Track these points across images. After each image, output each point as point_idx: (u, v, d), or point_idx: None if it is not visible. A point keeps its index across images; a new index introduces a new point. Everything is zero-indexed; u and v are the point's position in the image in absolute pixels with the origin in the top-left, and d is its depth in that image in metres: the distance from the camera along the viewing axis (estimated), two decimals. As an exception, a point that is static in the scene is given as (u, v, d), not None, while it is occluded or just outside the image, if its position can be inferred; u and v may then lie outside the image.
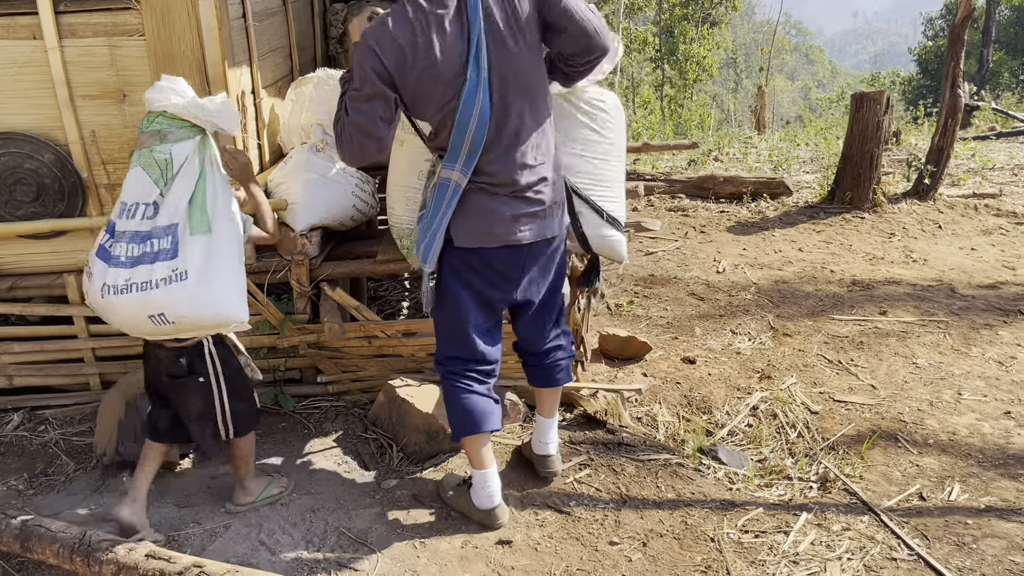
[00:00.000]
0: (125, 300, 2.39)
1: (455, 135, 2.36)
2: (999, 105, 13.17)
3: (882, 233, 5.96)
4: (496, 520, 2.75)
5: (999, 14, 23.23)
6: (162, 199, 2.43)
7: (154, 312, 2.39)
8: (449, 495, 2.88)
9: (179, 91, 2.48)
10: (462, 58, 2.31)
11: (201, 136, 2.50)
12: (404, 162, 3.26)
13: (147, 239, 2.41)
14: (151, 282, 2.37)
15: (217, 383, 2.67)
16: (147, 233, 2.42)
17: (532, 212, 2.51)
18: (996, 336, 4.22)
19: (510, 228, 2.49)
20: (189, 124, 2.48)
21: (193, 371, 2.62)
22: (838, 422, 3.44)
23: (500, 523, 2.75)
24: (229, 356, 2.72)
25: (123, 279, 2.39)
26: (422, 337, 3.50)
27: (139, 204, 2.45)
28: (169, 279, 2.37)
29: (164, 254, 2.39)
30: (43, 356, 3.50)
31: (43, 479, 3.09)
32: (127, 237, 2.43)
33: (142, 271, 2.38)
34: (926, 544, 2.65)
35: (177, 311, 2.39)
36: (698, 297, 4.85)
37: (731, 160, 8.62)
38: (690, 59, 22.04)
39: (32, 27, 3.03)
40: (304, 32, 4.25)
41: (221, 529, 2.77)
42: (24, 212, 3.27)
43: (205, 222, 2.43)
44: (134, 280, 2.38)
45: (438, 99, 2.34)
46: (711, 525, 2.76)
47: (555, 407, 2.99)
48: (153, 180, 2.44)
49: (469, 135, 2.36)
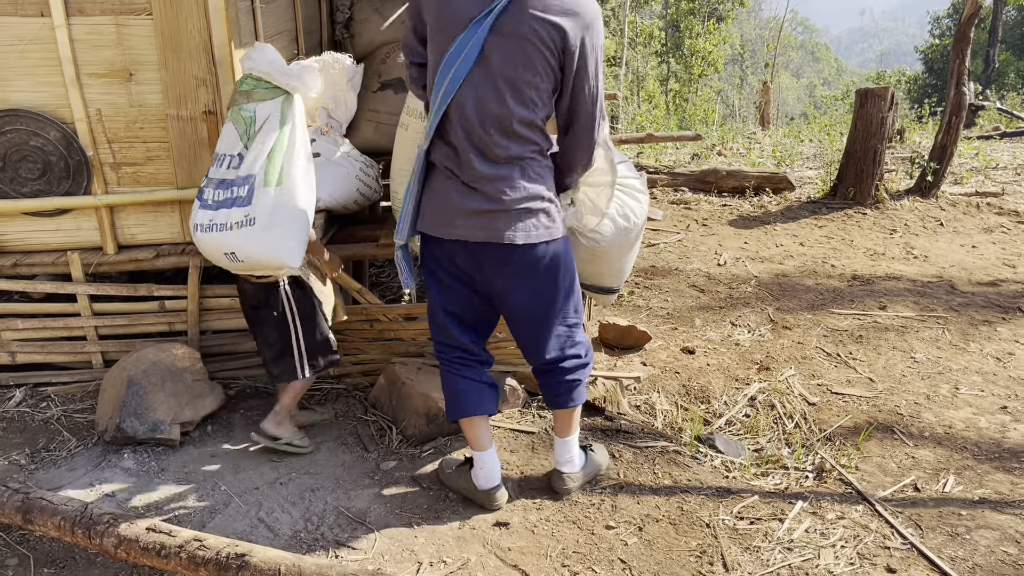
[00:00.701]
0: (207, 237, 2.72)
1: (434, 91, 2.40)
2: (1004, 105, 13.15)
3: (883, 229, 5.97)
4: (494, 501, 2.77)
5: (1005, 14, 23.17)
6: (245, 152, 2.70)
7: (228, 250, 2.71)
8: (447, 474, 2.90)
9: (267, 56, 2.72)
10: (469, 14, 2.29)
11: (284, 97, 2.73)
12: (408, 146, 3.28)
13: (230, 186, 2.70)
14: (228, 224, 2.67)
15: (293, 318, 2.96)
16: (230, 181, 2.71)
17: (487, 210, 2.41)
18: (995, 332, 4.23)
19: (459, 221, 2.45)
20: (272, 86, 2.72)
21: (268, 304, 2.94)
22: (835, 414, 3.46)
23: (498, 504, 2.77)
24: (303, 297, 2.97)
25: (207, 219, 2.71)
26: (423, 321, 3.52)
27: (227, 155, 2.74)
28: (241, 223, 2.66)
29: (240, 201, 2.68)
30: (46, 333, 3.52)
31: (45, 455, 3.11)
32: (215, 184, 2.74)
33: (222, 214, 2.69)
34: (920, 533, 2.67)
35: (245, 251, 2.69)
36: (698, 289, 4.87)
37: (734, 155, 8.63)
38: (696, 54, 22.01)
39: (40, 4, 3.03)
40: (310, 16, 4.26)
41: (221, 506, 2.80)
42: (29, 189, 3.28)
43: (277, 175, 2.68)
44: (215, 221, 2.69)
45: (437, 44, 2.38)
46: (707, 511, 2.78)
47: (564, 428, 2.82)
48: (239, 134, 2.72)
49: (440, 93, 2.35)
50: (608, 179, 2.78)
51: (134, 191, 3.32)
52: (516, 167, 2.42)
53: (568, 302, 2.65)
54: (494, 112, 2.34)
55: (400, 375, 3.32)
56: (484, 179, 2.40)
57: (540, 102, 2.38)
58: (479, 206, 2.42)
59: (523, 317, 2.63)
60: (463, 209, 2.43)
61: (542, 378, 2.78)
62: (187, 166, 3.26)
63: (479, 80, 2.32)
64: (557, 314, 2.63)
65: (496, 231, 2.43)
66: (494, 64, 2.31)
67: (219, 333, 3.60)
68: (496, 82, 2.32)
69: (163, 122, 3.21)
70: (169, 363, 3.23)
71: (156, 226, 3.39)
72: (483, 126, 2.36)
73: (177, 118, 3.19)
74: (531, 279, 2.53)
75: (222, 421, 3.33)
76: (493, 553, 2.57)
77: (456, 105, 2.36)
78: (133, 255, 3.39)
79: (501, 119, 2.35)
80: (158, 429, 3.09)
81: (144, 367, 3.16)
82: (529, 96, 2.35)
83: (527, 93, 2.34)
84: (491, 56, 2.30)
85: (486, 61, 2.31)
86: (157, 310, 3.49)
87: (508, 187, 2.41)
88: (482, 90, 2.33)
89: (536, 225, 2.46)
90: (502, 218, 2.43)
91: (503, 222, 2.43)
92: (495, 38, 2.29)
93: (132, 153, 3.27)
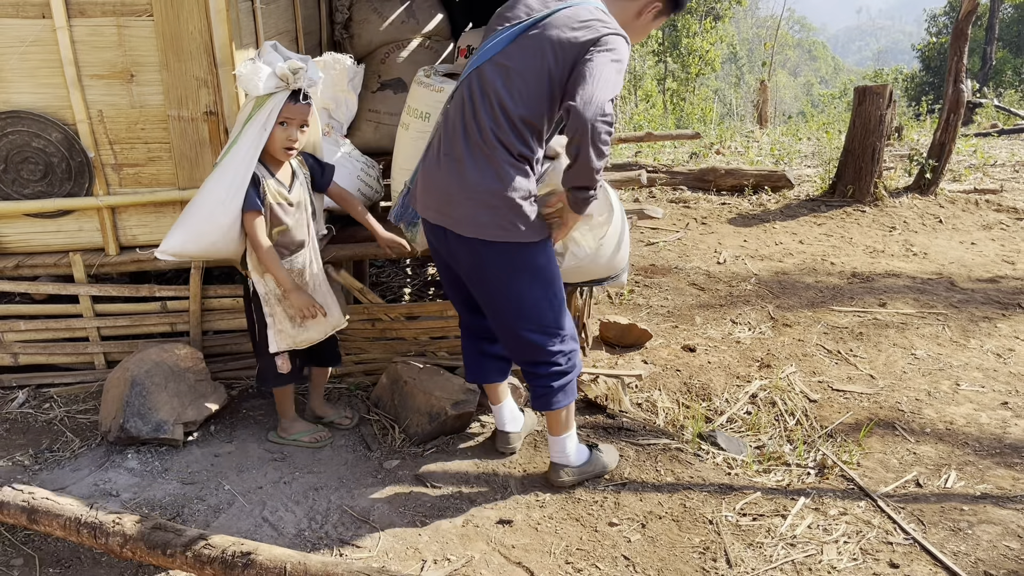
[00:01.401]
0: None
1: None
2: (1001, 103, 13.17)
3: (883, 226, 5.98)
4: (505, 443, 3.07)
5: (1002, 12, 23.19)
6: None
7: None
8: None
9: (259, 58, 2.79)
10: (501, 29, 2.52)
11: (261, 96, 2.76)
12: (409, 146, 3.29)
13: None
14: None
15: (248, 319, 3.02)
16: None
17: (443, 192, 2.53)
18: (995, 329, 4.24)
19: (424, 200, 2.62)
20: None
21: (246, 293, 2.99)
22: (836, 410, 3.47)
23: (507, 448, 3.08)
24: (255, 307, 2.96)
25: None
26: (425, 320, 3.53)
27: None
28: None
29: None
30: (48, 335, 3.52)
31: (48, 455, 3.12)
32: None
33: None
34: (922, 529, 2.68)
35: None
36: (699, 287, 4.88)
37: (733, 153, 8.64)
38: (693, 53, 22.00)
39: (41, 6, 3.04)
40: (310, 16, 4.27)
41: (225, 505, 2.80)
42: (31, 191, 3.28)
43: (219, 162, 2.78)
44: None
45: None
46: (709, 508, 2.79)
47: (552, 427, 2.85)
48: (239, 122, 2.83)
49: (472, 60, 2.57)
50: (604, 218, 2.88)
51: (136, 192, 3.32)
52: (483, 158, 2.47)
53: (536, 311, 2.62)
54: (497, 96, 2.45)
55: (402, 374, 3.32)
56: (453, 159, 2.51)
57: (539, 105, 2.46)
58: (442, 184, 2.53)
59: (490, 312, 2.72)
60: (434, 187, 2.56)
61: (524, 377, 2.87)
62: (188, 167, 3.26)
63: (492, 66, 2.48)
64: (525, 320, 2.62)
65: (451, 218, 2.54)
66: (513, 57, 2.45)
67: (221, 333, 3.60)
68: (508, 72, 2.45)
69: (164, 123, 3.22)
70: (172, 363, 3.23)
71: (158, 227, 3.39)
72: (476, 109, 2.48)
73: (178, 119, 3.20)
74: (487, 276, 2.59)
75: (225, 421, 3.34)
76: (497, 550, 2.58)
77: (464, 84, 2.53)
78: (135, 256, 3.40)
79: (502, 105, 2.45)
80: (161, 429, 3.09)
81: (147, 367, 3.17)
82: (528, 93, 2.44)
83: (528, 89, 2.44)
84: (512, 51, 2.46)
85: (507, 53, 2.46)
86: (159, 311, 3.50)
87: (468, 174, 2.48)
88: (490, 75, 2.47)
89: (490, 223, 2.48)
90: (458, 206, 2.50)
91: (459, 210, 2.51)
92: (524, 38, 2.45)
93: (133, 154, 3.27)
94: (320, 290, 2.99)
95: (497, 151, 2.45)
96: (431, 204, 2.59)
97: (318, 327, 2.98)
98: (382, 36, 4.36)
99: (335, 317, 3.03)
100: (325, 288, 3.02)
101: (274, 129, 2.76)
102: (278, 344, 2.95)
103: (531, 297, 2.59)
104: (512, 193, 2.47)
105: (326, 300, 2.99)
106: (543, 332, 2.66)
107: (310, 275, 2.96)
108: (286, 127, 2.78)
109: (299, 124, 2.81)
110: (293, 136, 2.80)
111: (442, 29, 4.48)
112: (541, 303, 2.61)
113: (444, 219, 2.55)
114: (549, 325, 2.65)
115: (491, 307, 2.67)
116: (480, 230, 2.48)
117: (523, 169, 2.50)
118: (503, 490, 2.90)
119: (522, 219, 2.49)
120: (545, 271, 2.60)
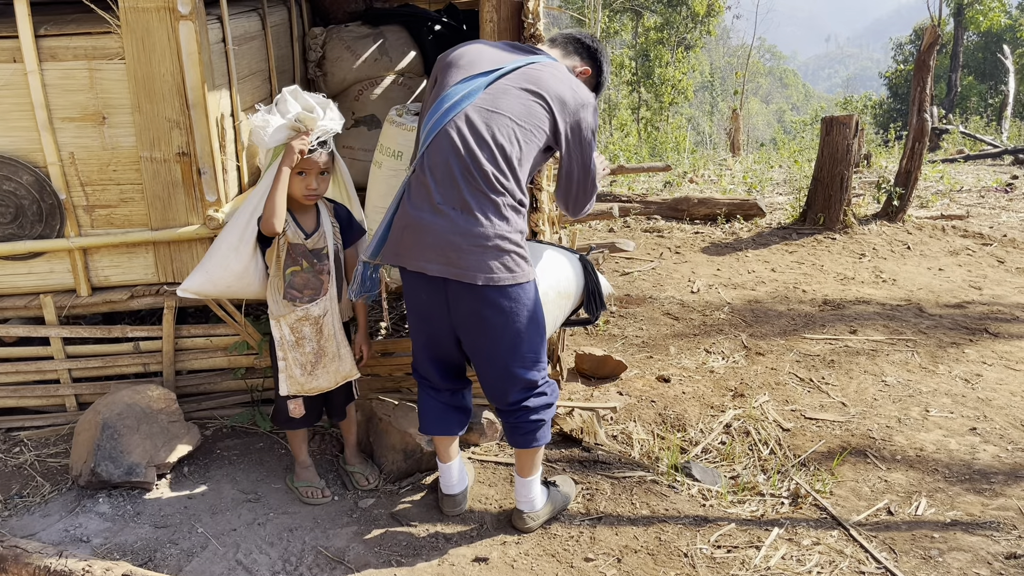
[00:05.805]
0: None
1: (423, 124, 2.61)
2: (967, 129, 13.46)
3: (852, 254, 6.08)
4: (452, 506, 2.96)
5: (967, 39, 23.77)
6: None
7: None
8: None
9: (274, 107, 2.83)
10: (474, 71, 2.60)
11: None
12: (382, 184, 3.31)
13: None
14: None
15: (272, 352, 2.99)
16: None
17: (452, 243, 2.46)
18: (962, 354, 4.31)
19: (419, 253, 2.52)
20: None
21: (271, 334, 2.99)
22: (809, 439, 3.51)
23: (455, 511, 2.96)
24: (272, 346, 2.98)
25: None
26: (400, 357, 3.54)
27: None
28: None
29: None
30: (18, 377, 3.49)
31: (18, 500, 3.08)
32: None
33: None
34: (894, 558, 2.71)
35: None
36: (673, 317, 4.93)
37: (706, 182, 8.75)
38: (666, 82, 22.31)
39: (12, 50, 3.04)
40: (283, 56, 4.30)
41: (198, 549, 2.77)
42: (1, 233, 3.27)
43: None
44: None
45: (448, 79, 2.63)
46: (684, 541, 2.81)
47: (526, 468, 2.82)
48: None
49: (425, 125, 2.59)
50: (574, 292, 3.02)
51: (108, 233, 3.31)
52: (490, 204, 2.48)
53: (530, 344, 2.64)
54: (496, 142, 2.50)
55: (377, 411, 3.32)
56: (455, 207, 2.48)
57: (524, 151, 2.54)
58: (445, 234, 2.48)
59: (483, 358, 2.66)
60: (423, 240, 2.51)
61: (506, 418, 2.77)
62: (161, 207, 3.26)
63: (478, 111, 2.53)
64: (516, 361, 2.64)
65: (459, 268, 2.48)
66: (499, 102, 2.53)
67: (194, 373, 3.58)
68: (495, 117, 2.51)
69: (137, 164, 3.22)
70: (144, 405, 3.21)
71: (130, 267, 3.38)
72: (473, 154, 2.48)
73: (151, 160, 3.20)
74: (490, 321, 2.56)
75: (199, 462, 3.31)
76: (473, 589, 2.57)
77: (451, 127, 2.52)
78: (107, 296, 3.38)
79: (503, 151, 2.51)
80: (133, 472, 3.06)
81: (118, 410, 3.14)
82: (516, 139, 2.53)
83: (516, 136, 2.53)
84: (496, 96, 2.54)
85: (490, 98, 2.53)
86: (132, 351, 3.48)
87: (476, 222, 2.47)
88: (479, 119, 2.51)
89: (500, 267, 2.50)
90: (468, 255, 2.47)
91: (468, 259, 2.47)
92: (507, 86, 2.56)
93: (106, 195, 3.27)
94: (335, 340, 2.96)
95: (503, 196, 2.49)
96: (430, 257, 2.50)
97: (327, 376, 2.96)
98: (355, 74, 4.40)
99: (346, 368, 3.01)
100: (340, 339, 2.99)
101: (292, 178, 2.78)
102: (287, 388, 2.95)
103: (528, 332, 2.62)
104: (517, 236, 2.53)
105: (339, 352, 2.97)
106: (534, 365, 2.68)
107: (327, 326, 2.92)
108: (304, 176, 2.79)
109: (316, 172, 2.81)
110: (312, 185, 2.81)
111: (415, 66, 4.53)
112: (534, 337, 2.65)
113: (450, 270, 2.48)
114: (539, 357, 2.70)
115: (486, 350, 2.64)
116: (493, 276, 2.49)
117: (521, 212, 2.57)
118: (479, 527, 2.90)
119: (524, 258, 2.56)
120: (539, 304, 2.66)
